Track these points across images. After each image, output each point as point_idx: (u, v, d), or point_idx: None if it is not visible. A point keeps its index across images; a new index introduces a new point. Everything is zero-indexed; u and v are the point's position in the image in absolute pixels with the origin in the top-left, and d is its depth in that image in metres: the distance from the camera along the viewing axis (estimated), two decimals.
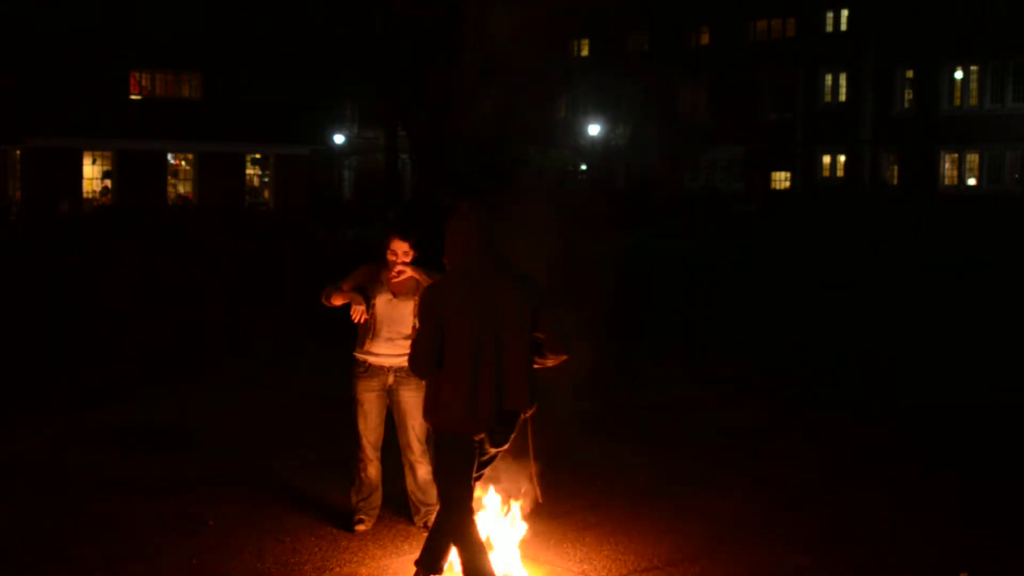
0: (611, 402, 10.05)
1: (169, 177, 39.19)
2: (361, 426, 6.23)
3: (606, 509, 6.71)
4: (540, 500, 5.38)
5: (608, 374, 11.49)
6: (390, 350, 6.13)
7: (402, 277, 6.10)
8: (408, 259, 6.07)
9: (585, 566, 5.81)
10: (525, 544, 5.68)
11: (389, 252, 6.07)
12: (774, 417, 9.57)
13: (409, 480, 6.26)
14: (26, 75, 34.48)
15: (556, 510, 6.57)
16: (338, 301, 6.11)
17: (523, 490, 5.94)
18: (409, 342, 6.05)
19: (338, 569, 5.73)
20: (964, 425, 9.30)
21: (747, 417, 9.57)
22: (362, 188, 55.80)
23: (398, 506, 6.43)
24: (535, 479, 5.31)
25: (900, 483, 7.50)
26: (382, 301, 6.12)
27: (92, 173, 37.78)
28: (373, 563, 5.82)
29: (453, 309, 4.90)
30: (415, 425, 6.15)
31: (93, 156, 37.56)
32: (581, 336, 13.95)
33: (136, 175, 37.40)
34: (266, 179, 41.63)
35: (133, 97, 37.56)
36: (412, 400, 6.13)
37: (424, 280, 5.97)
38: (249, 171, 41.14)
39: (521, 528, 5.72)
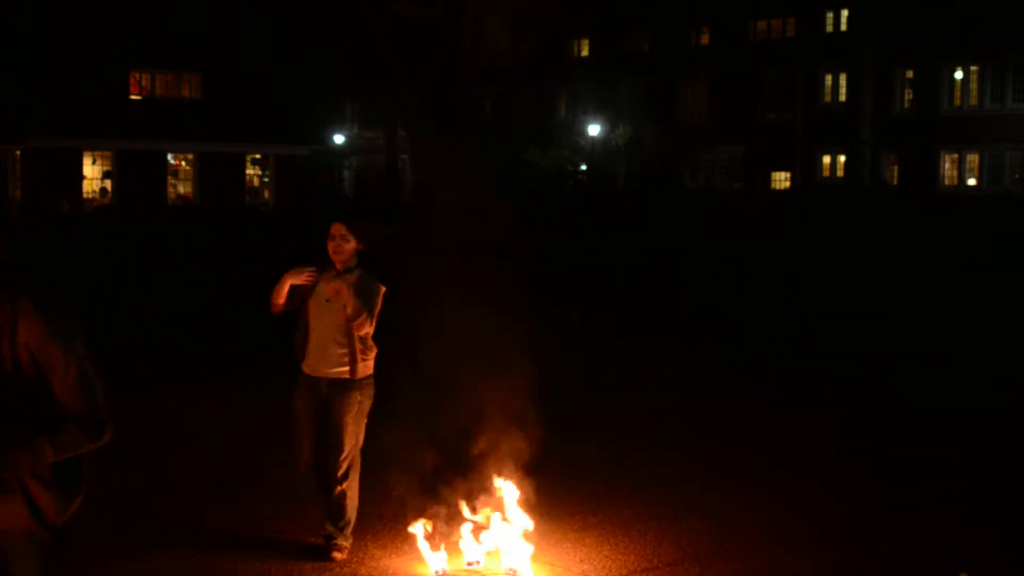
0: (611, 402, 10.06)
1: (169, 177, 39.21)
2: (297, 442, 5.86)
3: (606, 509, 6.70)
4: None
5: (608, 374, 11.50)
6: (325, 360, 5.72)
7: (340, 256, 5.68)
8: (349, 245, 5.65)
9: (585, 566, 5.80)
10: (526, 544, 5.68)
11: (328, 237, 5.69)
12: (775, 417, 9.56)
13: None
14: (26, 75, 34.49)
15: (556, 510, 6.57)
16: (280, 298, 5.72)
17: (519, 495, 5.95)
18: (345, 351, 5.67)
19: (338, 569, 5.72)
20: (964, 426, 9.30)
21: (748, 417, 9.57)
22: (362, 188, 55.82)
23: (398, 506, 6.41)
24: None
25: (901, 483, 7.50)
26: (315, 307, 5.71)
27: (92, 173, 37.80)
28: (373, 563, 5.82)
29: None
30: (340, 442, 5.73)
31: (93, 156, 37.58)
32: (580, 336, 13.84)
33: (136, 175, 37.42)
34: (266, 179, 41.65)
35: (133, 97, 37.59)
36: (342, 415, 5.73)
37: (347, 291, 5.56)
38: (249, 171, 41.16)
39: (527, 525, 5.73)
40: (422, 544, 5.72)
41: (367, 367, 5.76)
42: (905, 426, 9.20)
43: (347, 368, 5.68)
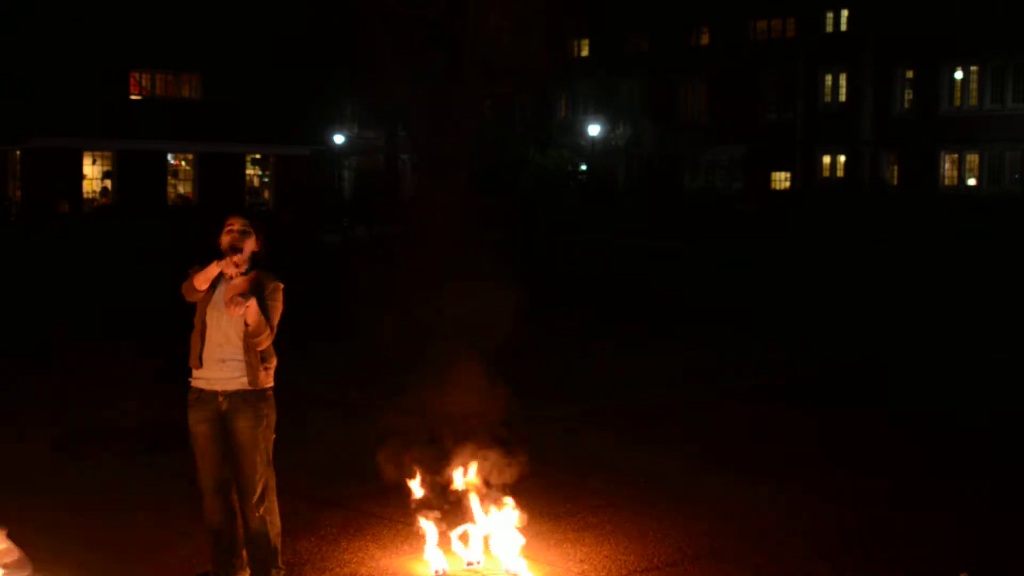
0: (611, 401, 10.05)
1: (169, 177, 39.18)
2: (199, 465, 5.27)
3: (606, 509, 6.70)
4: None
5: (608, 373, 11.49)
6: (223, 370, 5.21)
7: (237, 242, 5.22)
8: (249, 242, 5.23)
9: (585, 566, 5.80)
10: (526, 544, 5.68)
11: (225, 230, 5.24)
12: (775, 417, 9.56)
13: (241, 530, 5.35)
14: (26, 75, 34.49)
15: (556, 510, 6.57)
16: (206, 284, 5.19)
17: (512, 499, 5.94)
18: (245, 359, 5.21)
19: (338, 569, 5.72)
20: (964, 425, 9.30)
21: (748, 417, 9.57)
22: (362, 188, 55.80)
23: (397, 506, 6.41)
24: None
25: (901, 483, 7.49)
26: (213, 311, 5.20)
27: (92, 173, 37.77)
28: (373, 563, 5.81)
29: None
30: (251, 463, 5.24)
31: (93, 156, 37.55)
32: (580, 336, 13.79)
33: (136, 175, 37.40)
34: (266, 179, 41.64)
35: (133, 97, 37.55)
36: (248, 431, 5.22)
37: (243, 284, 5.10)
38: (249, 171, 41.15)
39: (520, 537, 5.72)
40: (423, 544, 5.72)
41: (268, 377, 5.29)
42: (904, 426, 9.20)
43: (247, 378, 5.19)
